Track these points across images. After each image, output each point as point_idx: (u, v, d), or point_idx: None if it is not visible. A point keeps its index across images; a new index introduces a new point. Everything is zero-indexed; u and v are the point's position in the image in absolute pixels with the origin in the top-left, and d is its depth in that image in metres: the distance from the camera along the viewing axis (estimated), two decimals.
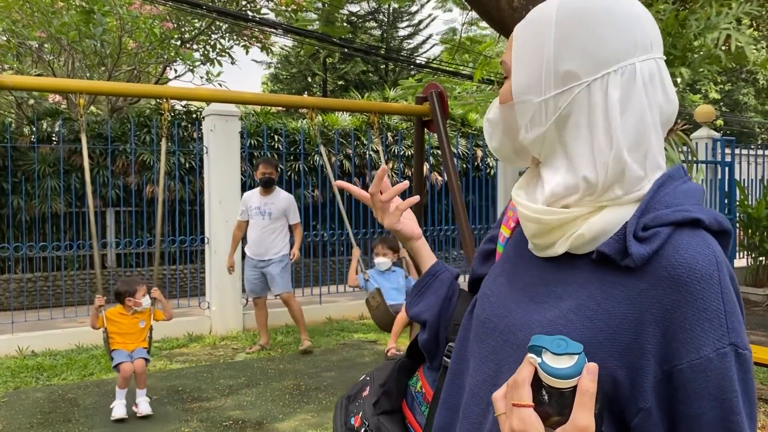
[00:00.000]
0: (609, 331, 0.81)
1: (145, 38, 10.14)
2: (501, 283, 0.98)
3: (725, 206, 9.65)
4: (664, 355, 0.79)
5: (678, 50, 4.19)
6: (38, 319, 6.92)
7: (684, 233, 0.81)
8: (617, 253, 0.82)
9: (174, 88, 5.10)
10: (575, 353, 0.74)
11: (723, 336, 0.77)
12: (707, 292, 0.78)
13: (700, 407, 0.78)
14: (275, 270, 6.15)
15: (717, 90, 18.96)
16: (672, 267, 0.79)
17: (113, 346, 4.37)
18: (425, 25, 20.06)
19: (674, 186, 0.86)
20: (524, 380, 0.75)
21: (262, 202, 6.08)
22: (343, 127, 10.56)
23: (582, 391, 0.72)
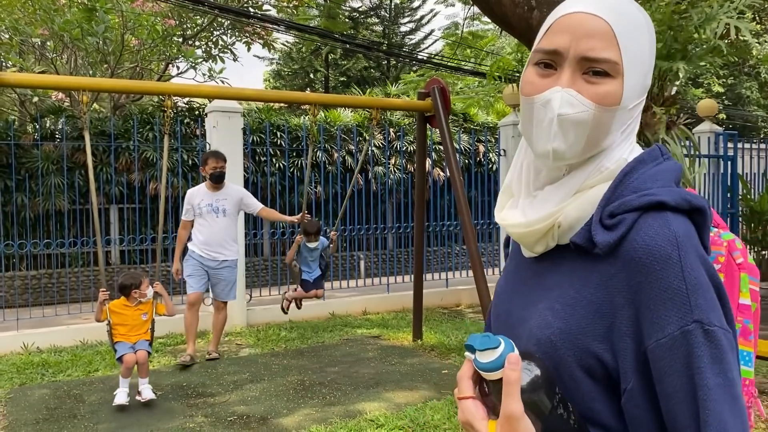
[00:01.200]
0: (589, 316, 0.85)
1: (147, 35, 10.16)
2: (508, 281, 1.04)
3: (728, 200, 9.63)
4: (639, 337, 0.82)
5: (679, 44, 4.19)
6: (43, 315, 6.95)
7: (649, 217, 0.83)
8: (587, 241, 0.86)
9: (176, 85, 5.12)
10: (495, 347, 0.79)
11: (686, 314, 0.79)
12: (667, 272, 0.80)
13: (672, 385, 0.80)
14: (230, 275, 5.76)
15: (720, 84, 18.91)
16: (634, 250, 0.82)
17: (116, 338, 4.52)
18: (427, 21, 20.04)
19: (644, 170, 0.88)
20: (463, 376, 0.82)
21: (213, 198, 5.61)
22: (345, 123, 10.57)
23: (506, 381, 0.77)
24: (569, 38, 0.86)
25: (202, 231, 5.62)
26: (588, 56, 0.85)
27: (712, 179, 9.57)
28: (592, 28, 0.85)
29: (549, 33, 0.89)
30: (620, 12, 0.86)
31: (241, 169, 7.29)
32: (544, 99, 0.87)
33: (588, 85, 0.86)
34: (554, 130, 0.86)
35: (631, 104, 0.89)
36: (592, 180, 0.89)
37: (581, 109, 0.85)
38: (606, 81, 0.86)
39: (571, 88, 0.86)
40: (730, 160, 9.66)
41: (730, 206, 9.65)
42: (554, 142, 0.87)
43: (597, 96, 0.85)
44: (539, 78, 0.89)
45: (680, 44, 4.20)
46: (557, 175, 0.92)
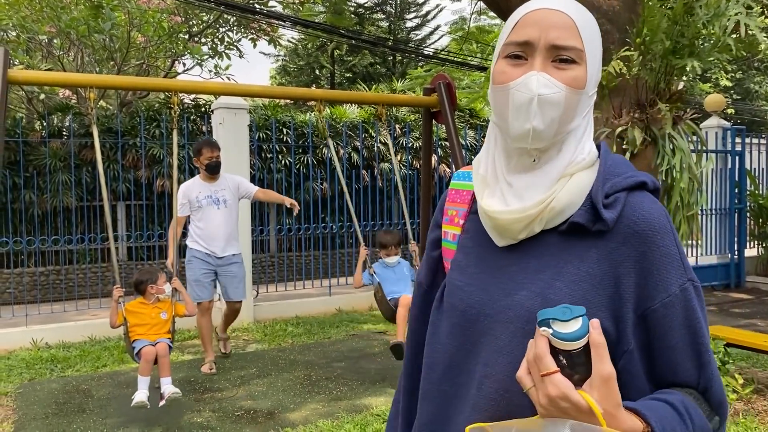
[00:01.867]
0: (593, 289, 0.93)
1: (153, 32, 10.17)
2: (472, 273, 1.05)
3: (735, 196, 9.60)
4: (638, 300, 0.93)
5: (686, 39, 4.16)
6: (51, 312, 7.01)
7: (636, 195, 0.97)
8: (588, 221, 0.95)
9: (182, 82, 5.13)
10: (580, 315, 0.83)
11: (682, 274, 0.94)
12: (666, 240, 0.94)
13: (674, 338, 0.93)
14: (239, 271, 5.46)
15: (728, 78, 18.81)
16: (635, 224, 0.94)
17: (134, 338, 4.19)
18: (433, 16, 19.99)
19: (613, 158, 1.01)
20: (545, 352, 0.83)
21: (211, 190, 5.31)
22: (351, 119, 10.57)
23: (596, 345, 0.82)
24: (538, 30, 0.95)
25: (203, 225, 5.30)
26: (557, 44, 0.94)
27: (720, 174, 9.53)
28: (558, 21, 0.95)
29: (517, 27, 0.98)
30: (578, 10, 0.98)
31: (247, 166, 7.31)
32: (521, 82, 0.95)
33: (557, 71, 0.95)
34: (534, 109, 0.94)
35: (591, 91, 0.99)
36: (571, 169, 0.97)
37: (555, 90, 0.94)
38: (572, 67, 0.95)
39: (544, 72, 0.95)
40: (738, 155, 9.62)
41: (738, 201, 9.62)
42: (534, 120, 0.94)
43: (567, 79, 0.95)
44: (512, 68, 0.97)
45: (688, 40, 4.17)
46: (527, 162, 0.99)
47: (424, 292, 1.18)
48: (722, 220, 9.60)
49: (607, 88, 4.32)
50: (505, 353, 0.96)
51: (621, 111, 4.49)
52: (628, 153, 4.39)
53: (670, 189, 4.64)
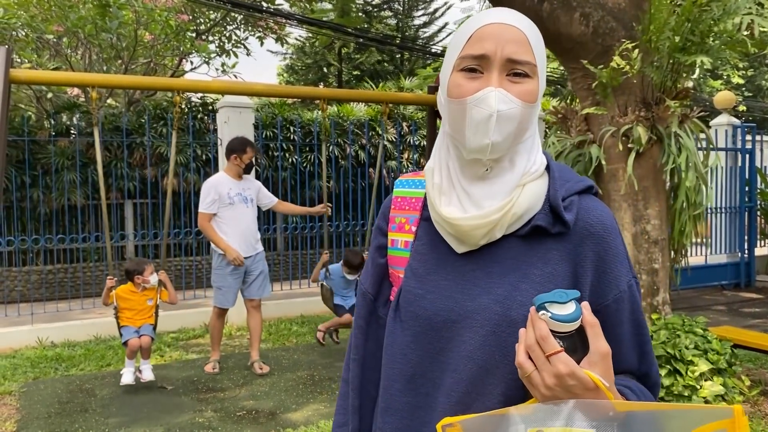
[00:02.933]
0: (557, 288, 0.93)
1: (161, 31, 10.19)
2: (432, 281, 1.05)
3: (746, 194, 9.49)
4: (593, 297, 0.98)
5: (696, 36, 4.10)
6: (57, 310, 7.03)
7: (586, 199, 1.03)
8: (549, 224, 1.00)
9: (185, 81, 5.12)
10: (575, 298, 0.87)
11: (628, 271, 1.01)
12: (616, 240, 1.01)
13: (622, 331, 1.00)
14: (264, 267, 5.36)
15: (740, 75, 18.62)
16: (591, 226, 1.00)
17: (122, 323, 4.73)
18: (441, 14, 19.91)
19: (558, 164, 1.06)
20: (547, 333, 0.85)
21: (241, 187, 5.17)
22: (358, 117, 10.55)
23: (591, 324, 0.86)
24: (494, 44, 0.97)
25: (232, 224, 5.09)
26: (513, 58, 0.97)
27: (730, 172, 9.43)
28: (512, 36, 0.97)
29: (472, 41, 0.99)
30: (528, 25, 1.00)
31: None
32: (479, 98, 0.96)
33: (512, 85, 0.97)
34: (492, 125, 0.96)
35: (539, 102, 1.03)
36: (525, 179, 1.01)
37: (512, 106, 0.96)
38: (526, 81, 0.98)
39: (501, 87, 0.96)
40: (748, 153, 9.52)
41: (748, 200, 9.51)
42: (493, 136, 0.96)
43: (521, 94, 0.97)
44: (468, 81, 0.98)
45: (697, 37, 4.11)
46: (480, 171, 1.01)
47: (369, 302, 1.15)
48: (732, 219, 9.50)
49: (611, 86, 4.27)
50: (475, 358, 0.97)
51: (626, 109, 4.44)
52: (633, 152, 4.34)
53: (676, 188, 4.59)
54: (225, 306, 5.25)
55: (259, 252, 5.32)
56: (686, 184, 4.37)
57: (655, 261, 4.42)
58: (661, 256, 4.44)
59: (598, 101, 4.48)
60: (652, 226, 4.44)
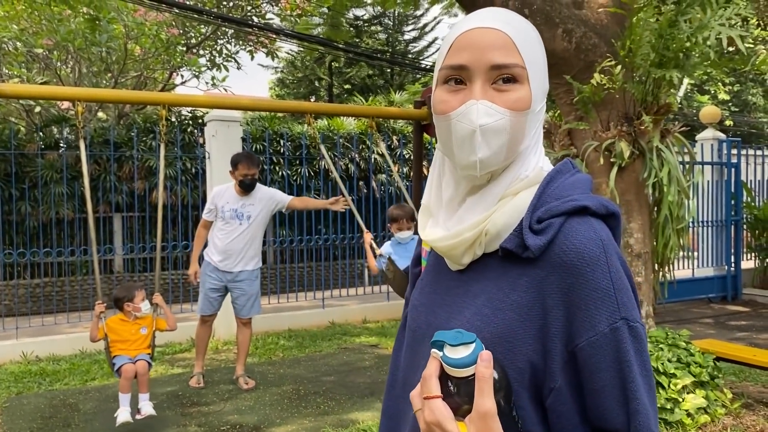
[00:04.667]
0: (520, 319, 0.88)
1: (151, 44, 10.23)
2: (427, 293, 1.03)
3: (732, 208, 9.57)
4: (567, 336, 0.86)
5: (671, 52, 4.15)
6: (42, 324, 6.99)
7: (574, 221, 0.89)
8: (518, 246, 0.89)
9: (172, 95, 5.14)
10: (470, 342, 0.79)
11: (614, 312, 0.85)
12: (596, 273, 0.85)
13: (601, 380, 0.85)
14: (251, 288, 5.22)
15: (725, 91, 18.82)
16: (564, 253, 0.87)
17: (114, 353, 4.23)
18: (431, 29, 20.07)
19: (562, 180, 0.94)
20: (431, 374, 0.80)
21: (239, 203, 5.09)
22: (348, 131, 10.59)
23: (479, 377, 0.77)
24: (474, 51, 0.89)
25: (220, 237, 5.10)
26: (496, 63, 0.89)
27: (716, 186, 9.51)
28: (494, 40, 0.90)
29: (452, 51, 0.92)
30: (514, 24, 0.92)
31: None
32: (461, 113, 0.89)
33: (499, 93, 0.90)
34: (478, 140, 0.89)
35: (538, 107, 0.94)
36: (513, 188, 0.92)
37: (498, 118, 0.89)
38: (515, 87, 0.90)
39: (484, 98, 0.89)
40: (734, 167, 9.60)
41: (734, 213, 9.59)
42: (479, 152, 0.89)
43: (509, 102, 0.89)
44: (451, 95, 0.92)
45: (672, 52, 4.17)
46: (478, 183, 0.94)
47: None
48: (719, 232, 9.57)
49: (593, 101, 4.32)
50: None
51: (609, 124, 4.48)
52: (616, 166, 4.38)
53: (659, 202, 4.63)
54: (201, 313, 5.20)
55: (245, 270, 5.17)
56: (668, 198, 4.41)
57: (638, 274, 4.45)
58: (644, 269, 4.48)
59: (581, 116, 4.53)
60: (635, 240, 4.47)
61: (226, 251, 5.09)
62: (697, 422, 3.87)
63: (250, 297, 5.22)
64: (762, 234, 9.43)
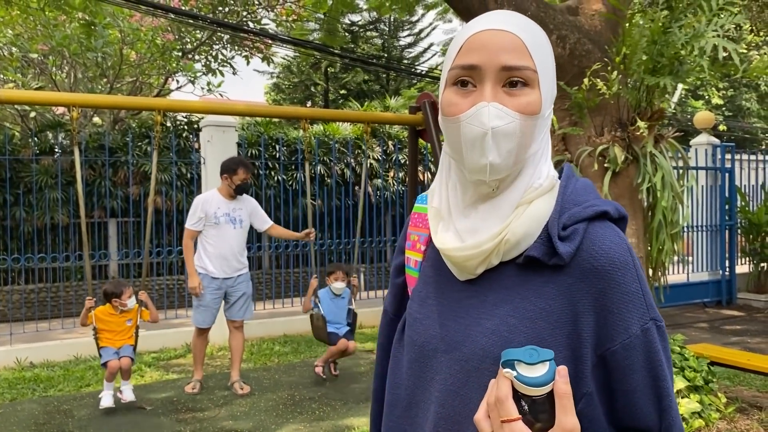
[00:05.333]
0: (550, 327, 0.87)
1: (146, 50, 10.23)
2: (430, 305, 0.99)
3: (726, 212, 9.61)
4: (597, 341, 0.87)
5: (665, 59, 4.18)
6: (37, 330, 6.96)
7: (596, 226, 0.90)
8: (544, 254, 0.89)
9: (167, 101, 5.15)
10: (547, 359, 0.78)
11: (644, 313, 0.87)
12: (627, 277, 0.87)
13: (635, 381, 0.87)
14: (247, 289, 5.27)
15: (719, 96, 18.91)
16: (594, 259, 0.87)
17: (102, 343, 4.69)
18: (426, 34, 20.11)
19: (574, 184, 0.94)
20: (506, 396, 0.78)
21: (230, 207, 5.11)
22: (344, 136, 10.60)
23: (560, 395, 0.77)
24: (486, 53, 0.88)
25: (215, 243, 5.07)
26: (507, 65, 0.88)
27: (710, 191, 9.55)
28: (507, 43, 0.88)
29: (463, 51, 0.90)
30: (526, 28, 0.91)
31: None
32: (472, 115, 0.88)
33: (509, 97, 0.88)
34: (488, 143, 0.87)
35: (546, 112, 0.93)
36: (528, 196, 0.91)
37: (509, 121, 0.87)
38: (525, 91, 0.89)
39: (495, 101, 0.88)
40: (728, 172, 9.64)
41: (729, 218, 9.63)
42: (490, 155, 0.88)
43: (520, 106, 0.88)
44: (460, 97, 0.90)
45: (666, 59, 4.19)
46: (486, 191, 0.92)
47: (389, 321, 1.13)
48: (713, 237, 9.60)
49: (587, 107, 4.34)
50: (461, 395, 0.90)
51: (603, 129, 4.50)
52: (609, 171, 4.40)
53: (652, 207, 4.65)
54: (201, 325, 5.19)
55: (242, 274, 5.23)
56: (662, 203, 4.42)
57: None
58: None
59: (575, 121, 4.54)
60: None
61: (224, 257, 5.10)
62: (691, 427, 3.87)
63: (248, 298, 5.31)
64: (756, 239, 9.47)
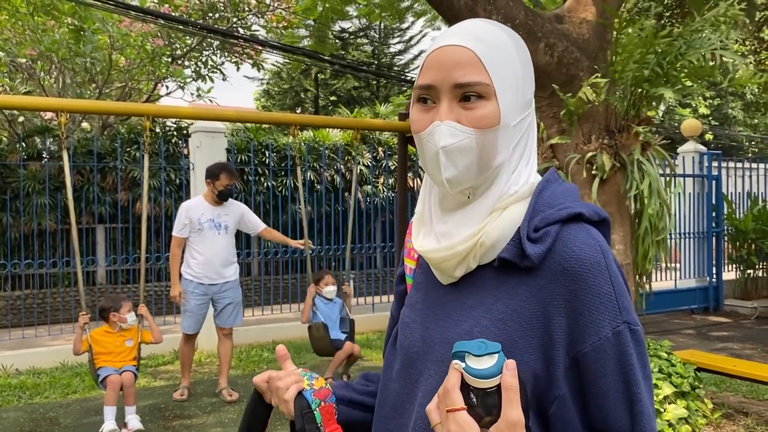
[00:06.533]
0: (521, 329, 0.88)
1: (136, 55, 10.20)
2: (418, 309, 1.01)
3: (712, 220, 9.69)
4: (570, 342, 0.87)
5: (662, 68, 4.22)
6: (23, 336, 6.90)
7: (570, 228, 0.90)
8: (516, 256, 0.90)
9: (156, 107, 5.14)
10: (494, 352, 0.78)
11: (617, 316, 0.86)
12: (598, 278, 0.86)
13: (605, 384, 0.86)
14: (235, 296, 5.23)
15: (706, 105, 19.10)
16: (564, 260, 0.87)
17: (99, 365, 4.23)
18: (416, 42, 20.20)
19: (553, 188, 0.95)
20: (453, 386, 0.78)
21: (215, 213, 5.09)
22: (333, 142, 10.61)
23: (506, 387, 0.76)
24: (440, 71, 0.90)
25: (201, 250, 5.06)
26: (459, 82, 0.89)
27: (697, 198, 9.63)
28: (458, 58, 0.90)
29: (423, 71, 0.93)
30: (483, 39, 0.91)
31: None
32: (428, 133, 0.91)
33: (465, 111, 0.90)
34: (442, 161, 0.90)
35: (513, 121, 0.93)
36: (504, 202, 0.92)
37: (462, 137, 0.89)
38: (481, 104, 0.89)
39: (449, 119, 0.89)
40: (715, 180, 9.73)
41: (716, 225, 9.71)
42: (445, 172, 0.90)
43: (474, 120, 0.89)
44: (422, 114, 0.93)
45: (663, 69, 4.23)
46: (461, 199, 0.94)
47: (393, 325, 1.15)
48: (700, 244, 9.68)
49: (576, 114, 4.37)
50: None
51: (590, 137, 4.54)
52: (597, 178, 4.43)
53: (639, 214, 4.68)
54: (188, 331, 5.14)
55: (229, 281, 5.20)
56: (649, 210, 4.46)
57: None
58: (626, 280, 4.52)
59: (563, 129, 4.58)
60: (616, 251, 4.51)
61: (209, 263, 5.08)
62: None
63: (236, 305, 5.26)
64: (743, 246, 9.55)
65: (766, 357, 6.42)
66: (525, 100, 0.95)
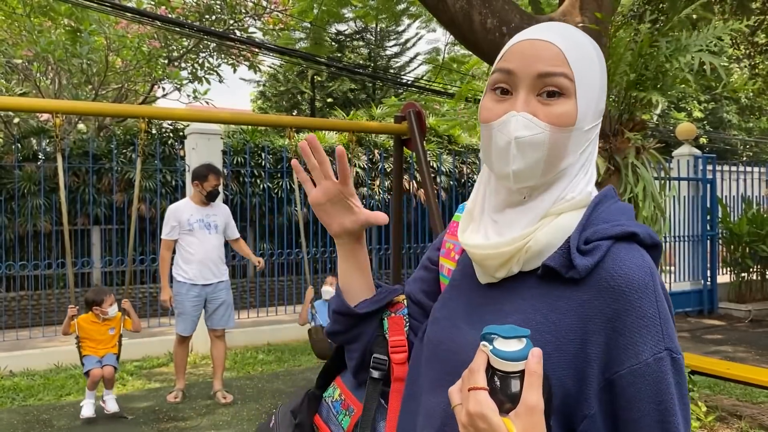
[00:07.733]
0: (556, 342, 0.85)
1: (132, 57, 10.19)
2: (451, 307, 1.00)
3: (707, 223, 9.73)
4: (606, 362, 0.83)
5: (650, 72, 4.24)
6: (17, 338, 6.88)
7: (622, 246, 0.87)
8: (562, 266, 0.87)
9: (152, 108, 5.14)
10: (523, 336, 0.77)
11: (659, 341, 0.82)
12: (644, 300, 0.83)
13: (640, 411, 0.82)
14: (228, 297, 5.25)
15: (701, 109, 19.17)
16: (612, 278, 0.84)
17: (84, 352, 4.63)
18: (412, 44, 20.24)
19: (609, 204, 0.93)
20: (479, 367, 0.77)
21: (204, 213, 5.11)
22: (329, 144, 10.60)
23: (529, 372, 0.75)
24: (523, 60, 0.89)
25: (191, 251, 5.06)
26: (541, 71, 0.88)
27: (692, 202, 9.66)
28: (543, 51, 0.89)
29: (503, 59, 0.92)
30: (569, 38, 0.91)
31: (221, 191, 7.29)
32: (502, 123, 0.89)
33: (543, 106, 0.88)
34: (513, 152, 0.88)
35: (586, 126, 0.91)
36: (558, 207, 0.91)
37: (537, 131, 0.88)
38: (560, 101, 0.88)
39: (526, 111, 0.88)
40: (709, 183, 9.76)
41: (710, 228, 9.74)
42: (513, 164, 0.89)
43: (552, 117, 0.88)
44: (496, 103, 0.91)
45: (651, 73, 4.25)
46: (517, 198, 0.93)
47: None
48: (695, 247, 9.71)
49: None
50: None
51: None
52: None
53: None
54: (183, 333, 5.15)
55: (222, 281, 5.21)
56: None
57: None
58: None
59: None
60: None
61: (202, 262, 5.08)
62: None
63: (229, 306, 5.26)
64: (737, 249, 9.58)
65: (760, 360, 6.45)
66: (599, 108, 0.93)
